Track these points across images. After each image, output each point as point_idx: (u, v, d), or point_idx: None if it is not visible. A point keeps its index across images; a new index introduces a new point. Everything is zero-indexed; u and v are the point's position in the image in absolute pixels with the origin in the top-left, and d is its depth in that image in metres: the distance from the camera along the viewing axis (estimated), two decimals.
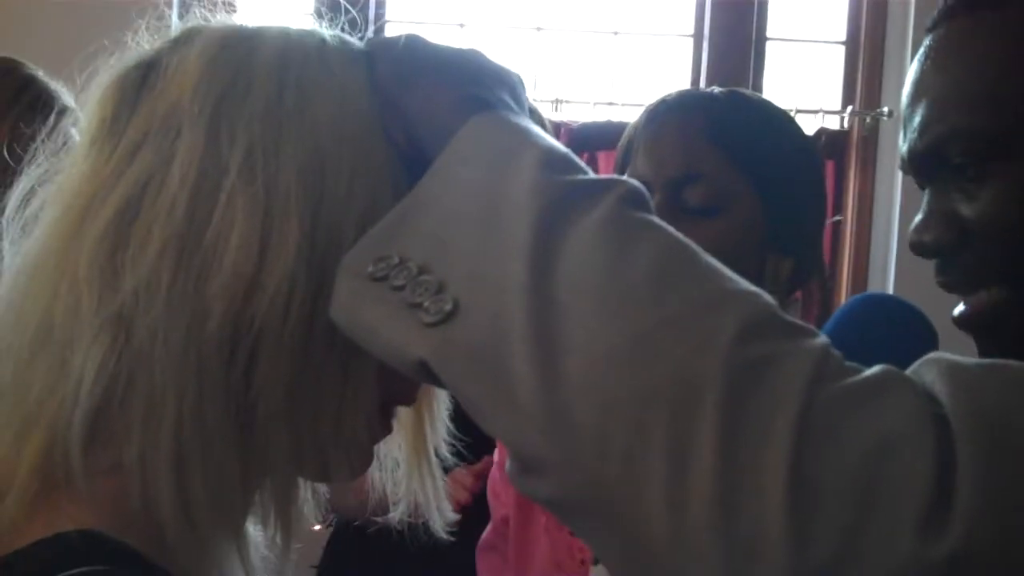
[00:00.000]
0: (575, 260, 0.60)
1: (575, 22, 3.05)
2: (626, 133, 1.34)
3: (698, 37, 3.01)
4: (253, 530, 0.77)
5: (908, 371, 0.60)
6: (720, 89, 1.34)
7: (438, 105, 0.70)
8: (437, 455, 0.86)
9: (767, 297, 0.61)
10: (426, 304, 0.62)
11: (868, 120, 2.87)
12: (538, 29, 3.03)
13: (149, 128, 0.72)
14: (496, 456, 1.66)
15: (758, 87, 2.96)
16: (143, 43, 0.77)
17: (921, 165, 0.87)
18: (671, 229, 0.63)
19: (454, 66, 0.72)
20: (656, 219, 0.64)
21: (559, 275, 0.60)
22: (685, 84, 3.00)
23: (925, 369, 0.59)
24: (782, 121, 1.34)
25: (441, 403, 0.85)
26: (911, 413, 0.55)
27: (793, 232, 1.26)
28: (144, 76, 0.74)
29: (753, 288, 0.61)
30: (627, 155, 1.31)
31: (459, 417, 0.81)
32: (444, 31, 3.01)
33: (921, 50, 0.89)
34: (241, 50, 0.73)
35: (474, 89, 0.70)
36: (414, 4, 3.07)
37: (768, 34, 3.00)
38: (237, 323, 0.68)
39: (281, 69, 0.72)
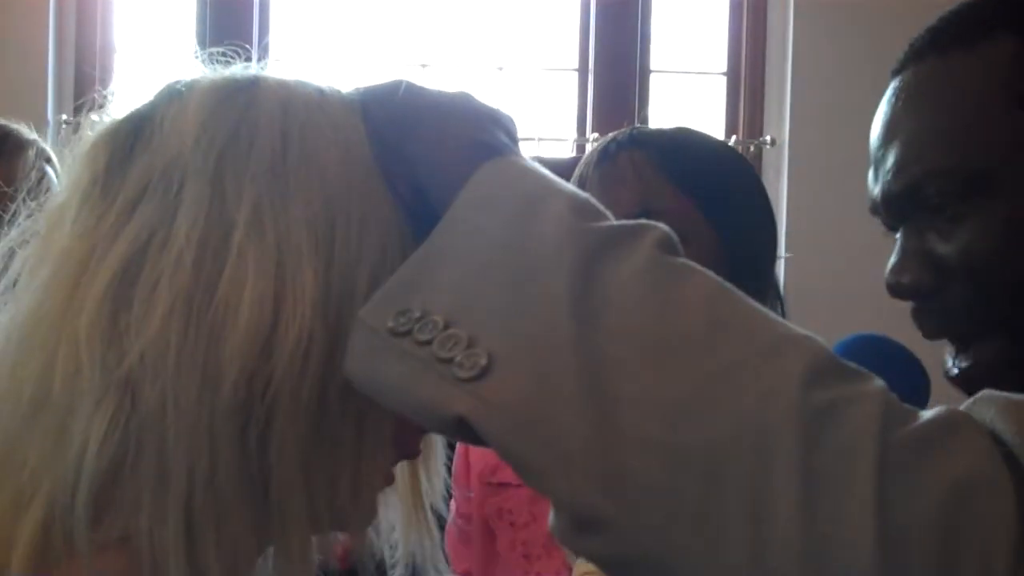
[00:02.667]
0: (621, 309, 0.59)
1: (460, 57, 3.06)
2: (577, 171, 1.34)
3: (583, 71, 3.04)
4: None
5: (962, 407, 0.60)
6: (669, 127, 1.36)
7: (444, 152, 0.68)
8: (433, 510, 0.84)
9: (820, 340, 0.60)
10: (459, 359, 0.59)
11: (752, 148, 2.91)
12: (423, 66, 3.02)
13: (147, 183, 0.69)
14: (454, 507, 1.62)
15: (643, 119, 2.99)
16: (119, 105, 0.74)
17: (896, 206, 0.88)
18: (711, 273, 0.62)
19: (454, 112, 0.71)
20: (693, 264, 0.63)
21: (605, 326, 0.58)
22: (572, 118, 3.03)
23: (982, 407, 0.59)
24: (730, 156, 1.38)
25: (439, 458, 0.83)
26: (983, 453, 0.55)
27: (749, 265, 1.28)
28: (137, 130, 0.71)
29: (806, 332, 0.60)
30: None
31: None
32: (328, 69, 2.99)
33: (889, 92, 0.90)
34: (240, 100, 0.71)
35: (478, 134, 0.69)
36: (297, 41, 3.04)
37: (651, 66, 3.04)
38: (252, 384, 0.65)
39: (284, 119, 0.70)
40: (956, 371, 0.86)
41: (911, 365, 1.17)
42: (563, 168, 1.58)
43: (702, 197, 1.25)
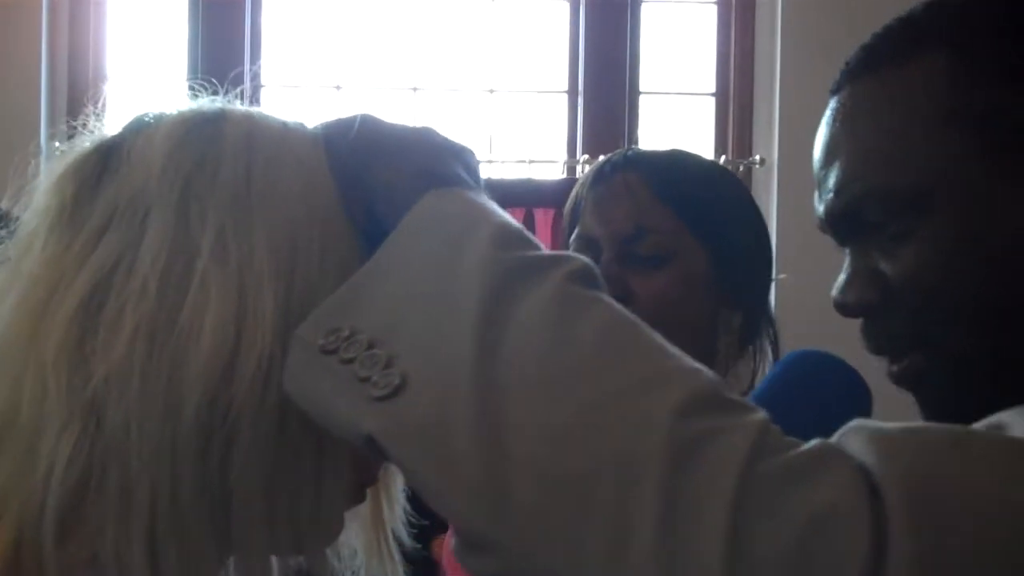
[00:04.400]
0: (519, 338, 0.61)
1: (450, 81, 3.08)
2: (573, 193, 1.36)
3: (573, 93, 3.06)
4: None
5: (833, 439, 0.61)
6: (663, 149, 1.37)
7: (397, 182, 0.71)
8: (395, 537, 0.85)
9: (709, 373, 0.61)
10: (375, 378, 0.61)
11: (741, 168, 2.93)
12: (414, 89, 3.04)
13: (114, 211, 0.70)
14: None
15: (633, 140, 3.00)
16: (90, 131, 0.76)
17: (839, 226, 0.88)
18: (617, 306, 0.64)
19: (410, 144, 0.73)
20: (603, 295, 0.65)
21: (504, 352, 0.60)
22: (562, 140, 3.04)
23: (849, 438, 0.60)
24: (724, 178, 1.40)
25: (398, 484, 0.84)
26: (845, 486, 0.55)
27: (741, 286, 1.30)
28: (105, 160, 0.73)
29: (695, 365, 0.62)
30: (575, 214, 1.33)
31: (416, 499, 0.81)
32: (320, 94, 3.01)
33: (828, 112, 0.90)
34: (206, 132, 0.73)
35: (430, 165, 0.71)
36: (289, 68, 3.06)
37: (641, 88, 3.05)
38: (214, 407, 0.67)
39: (248, 150, 0.72)
40: (895, 372, 0.87)
41: (851, 378, 1.18)
42: (554, 190, 1.58)
43: (694, 218, 1.27)
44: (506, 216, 0.69)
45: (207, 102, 0.76)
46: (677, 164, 1.33)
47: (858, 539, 0.53)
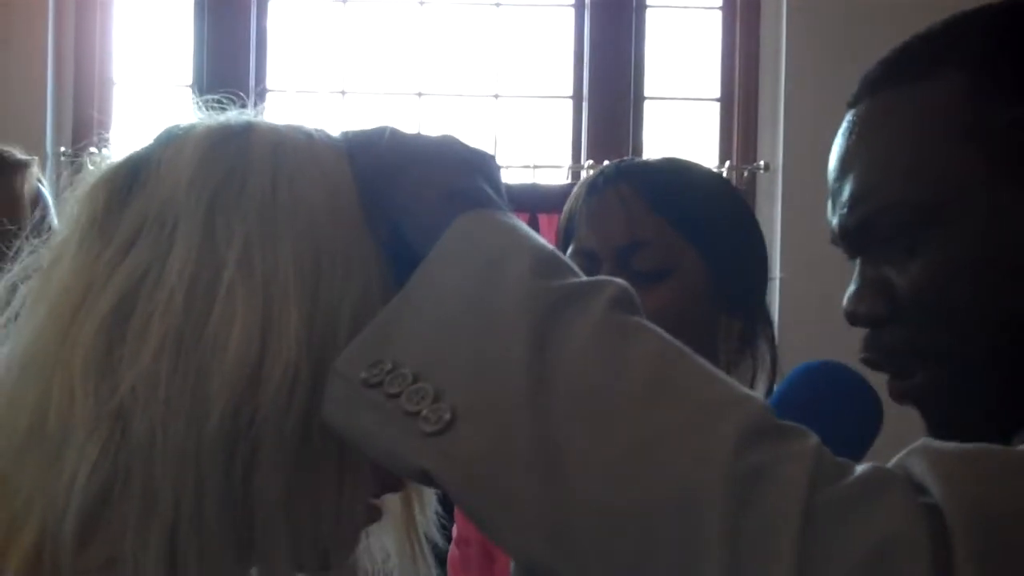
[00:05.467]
0: (571, 370, 0.61)
1: (455, 86, 3.08)
2: (567, 206, 1.36)
3: (577, 98, 3.06)
4: None
5: (896, 460, 0.61)
6: (656, 158, 1.37)
7: (422, 202, 0.71)
8: (428, 539, 0.85)
9: (759, 399, 0.62)
10: (425, 412, 0.61)
11: (745, 174, 2.93)
12: (419, 95, 3.05)
13: (143, 223, 0.71)
14: (455, 532, 1.64)
15: (638, 145, 3.01)
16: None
17: (853, 238, 0.88)
18: (662, 332, 0.64)
19: (435, 159, 0.72)
20: (645, 322, 0.65)
21: (556, 385, 0.60)
22: (567, 145, 3.05)
23: (913, 459, 0.60)
24: (718, 186, 1.39)
25: (430, 488, 0.84)
26: (905, 515, 0.56)
27: (739, 294, 1.30)
28: (135, 173, 0.74)
29: (746, 391, 0.62)
30: (569, 228, 1.33)
31: (447, 502, 0.81)
32: (324, 99, 3.01)
33: (844, 125, 0.90)
34: (233, 145, 0.73)
35: (456, 182, 0.71)
36: (294, 73, 3.06)
37: (645, 93, 3.06)
38: (238, 417, 0.67)
39: (274, 163, 0.73)
40: (891, 388, 0.87)
41: (864, 389, 1.18)
42: (558, 195, 1.59)
43: (689, 229, 1.27)
44: (539, 239, 0.69)
45: (235, 115, 0.77)
46: (670, 174, 1.33)
47: (922, 567, 0.53)
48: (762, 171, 2.93)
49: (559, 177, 2.98)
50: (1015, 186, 0.81)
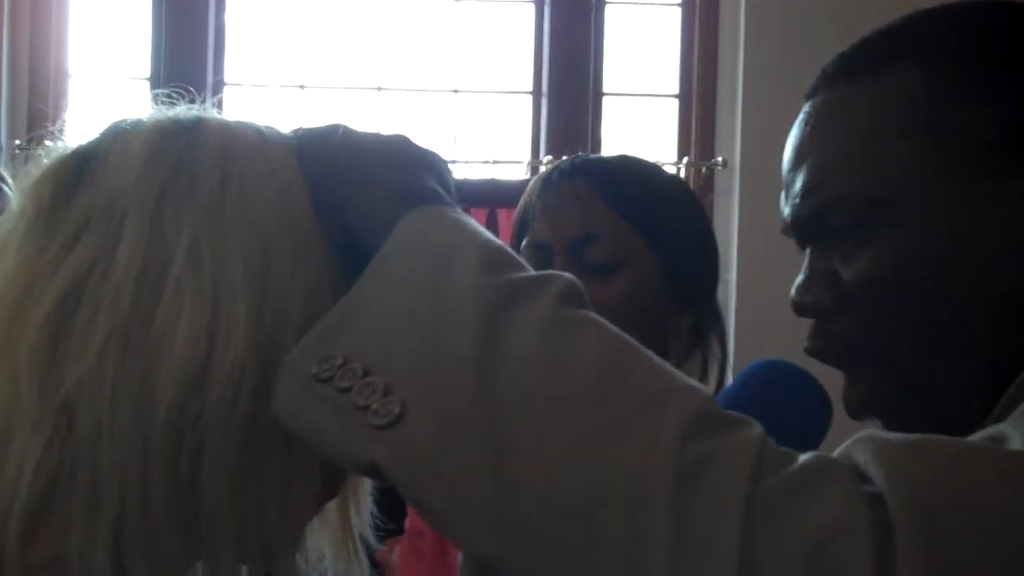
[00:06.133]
0: (518, 363, 0.62)
1: (414, 81, 3.08)
2: (522, 200, 1.37)
3: (537, 93, 3.07)
4: None
5: (841, 450, 0.62)
6: (611, 155, 1.39)
7: (373, 199, 0.71)
8: (362, 540, 0.85)
9: (704, 390, 0.63)
10: (374, 406, 0.62)
11: (704, 170, 2.95)
12: (378, 89, 3.04)
13: (90, 217, 0.71)
14: (408, 524, 1.64)
15: (596, 141, 3.02)
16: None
17: (804, 229, 0.89)
18: (609, 325, 0.65)
19: (385, 158, 0.73)
20: (592, 315, 0.66)
21: (504, 379, 0.61)
22: (526, 140, 3.05)
23: (857, 449, 0.60)
24: (671, 182, 1.41)
25: (365, 489, 0.84)
26: (847, 500, 0.56)
27: (691, 289, 1.32)
28: (82, 166, 0.73)
29: (691, 382, 0.63)
30: (524, 221, 1.35)
31: (381, 503, 0.81)
32: (283, 93, 3.00)
33: (800, 116, 0.91)
34: (183, 140, 0.73)
35: (407, 181, 0.71)
36: (252, 67, 3.05)
37: (604, 89, 3.07)
38: (185, 413, 0.67)
39: (223, 159, 0.72)
40: (852, 400, 0.88)
41: (812, 386, 1.20)
42: (517, 190, 1.60)
43: (642, 223, 1.29)
44: (488, 235, 0.69)
45: (184, 110, 0.77)
46: (624, 170, 1.35)
47: (863, 556, 0.54)
48: (720, 167, 2.95)
49: (518, 173, 2.98)
50: (963, 186, 0.82)
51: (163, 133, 0.74)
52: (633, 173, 1.35)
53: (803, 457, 0.59)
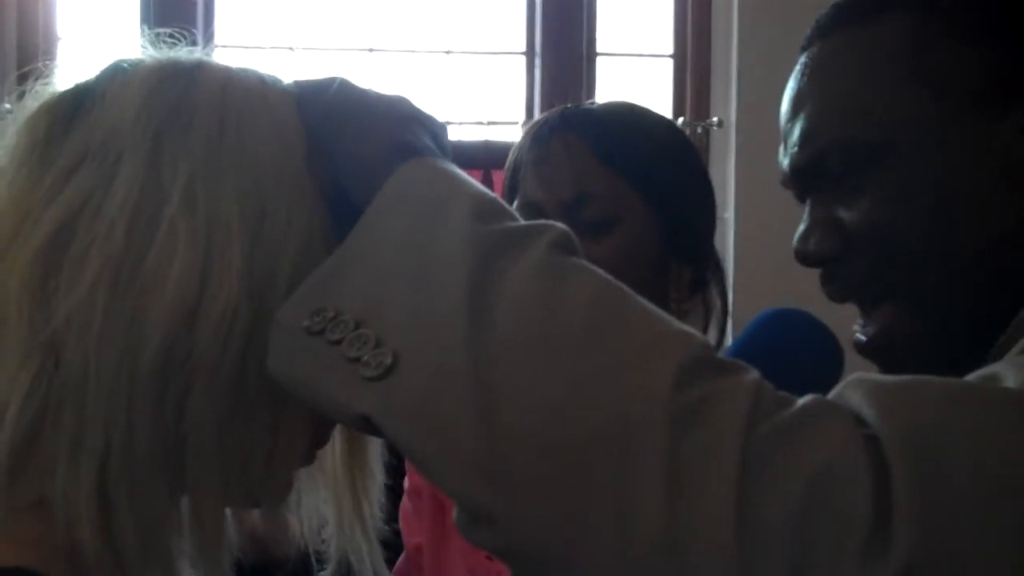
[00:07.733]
0: (510, 311, 0.61)
1: (407, 42, 3.05)
2: (511, 156, 1.34)
3: (530, 54, 3.04)
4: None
5: (833, 393, 0.62)
6: (601, 105, 1.35)
7: (365, 151, 0.71)
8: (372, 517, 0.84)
9: (699, 336, 0.62)
10: (365, 358, 0.62)
11: (699, 131, 2.93)
12: (370, 50, 3.02)
13: (85, 152, 0.70)
14: (407, 483, 1.64)
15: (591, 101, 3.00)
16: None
17: (802, 178, 0.91)
18: (601, 273, 0.65)
19: (381, 112, 0.72)
20: (584, 263, 0.65)
21: (496, 327, 0.61)
22: (520, 101, 3.03)
23: (849, 391, 0.61)
24: (664, 130, 1.37)
25: (376, 460, 0.83)
26: (843, 443, 0.56)
27: (688, 240, 1.29)
28: (79, 102, 0.73)
29: (684, 328, 0.62)
30: (515, 178, 1.31)
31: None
32: (273, 55, 2.98)
33: (797, 67, 0.92)
34: (182, 81, 0.72)
35: (401, 135, 0.71)
36: (243, 28, 3.02)
37: (598, 49, 3.04)
38: (173, 354, 0.67)
39: (223, 103, 0.72)
40: (863, 339, 0.89)
41: (823, 335, 1.19)
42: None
43: (637, 178, 1.26)
44: (480, 186, 0.68)
45: (185, 52, 0.76)
46: (615, 122, 1.31)
47: (860, 494, 0.54)
48: (716, 127, 2.93)
49: (512, 134, 2.96)
50: (962, 121, 0.83)
51: (163, 73, 0.73)
52: (625, 124, 1.31)
53: (800, 400, 0.59)
